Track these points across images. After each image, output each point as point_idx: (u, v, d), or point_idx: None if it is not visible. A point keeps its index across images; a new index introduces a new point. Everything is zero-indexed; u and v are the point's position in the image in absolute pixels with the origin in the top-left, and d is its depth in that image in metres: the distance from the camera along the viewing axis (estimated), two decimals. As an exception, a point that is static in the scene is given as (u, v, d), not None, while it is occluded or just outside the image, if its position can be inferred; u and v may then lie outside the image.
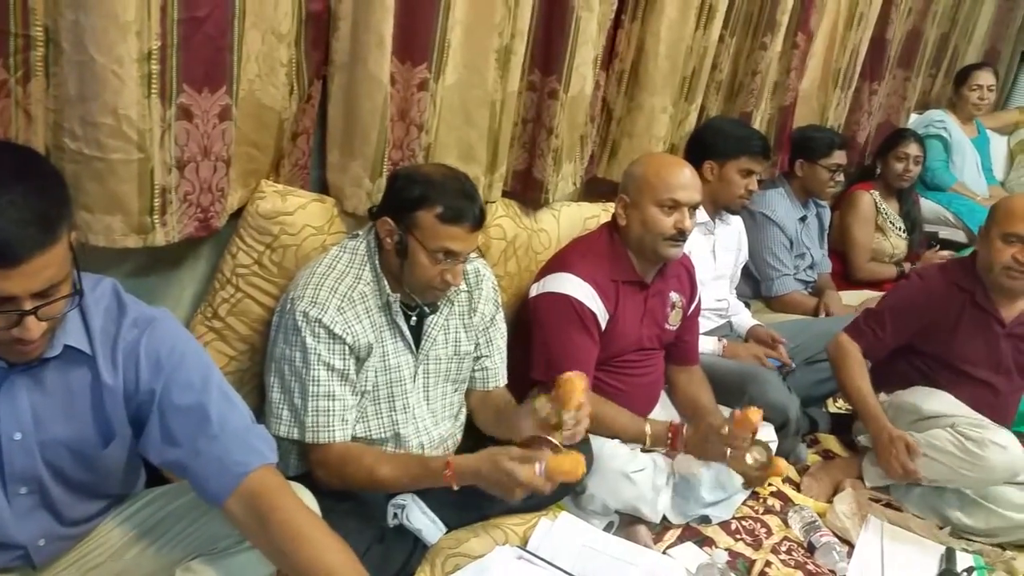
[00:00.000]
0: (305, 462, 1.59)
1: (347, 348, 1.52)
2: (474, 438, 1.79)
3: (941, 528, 2.13)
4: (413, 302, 1.62)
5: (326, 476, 1.53)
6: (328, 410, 1.51)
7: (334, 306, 1.50)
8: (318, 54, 1.65)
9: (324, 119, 1.73)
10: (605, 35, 2.20)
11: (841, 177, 2.97)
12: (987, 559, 2.02)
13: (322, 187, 1.78)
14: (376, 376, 1.59)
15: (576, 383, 1.47)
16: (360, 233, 1.65)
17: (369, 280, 1.57)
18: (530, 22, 1.94)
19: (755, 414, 1.81)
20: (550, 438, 1.47)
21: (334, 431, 1.51)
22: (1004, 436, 2.07)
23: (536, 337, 1.99)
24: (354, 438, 1.59)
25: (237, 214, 1.65)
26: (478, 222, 1.53)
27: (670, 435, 1.93)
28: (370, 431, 1.61)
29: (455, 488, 1.44)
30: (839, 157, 2.90)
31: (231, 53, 1.43)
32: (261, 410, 1.60)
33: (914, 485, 2.16)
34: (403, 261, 1.53)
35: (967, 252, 2.64)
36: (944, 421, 2.13)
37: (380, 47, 1.60)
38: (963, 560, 1.99)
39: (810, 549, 1.99)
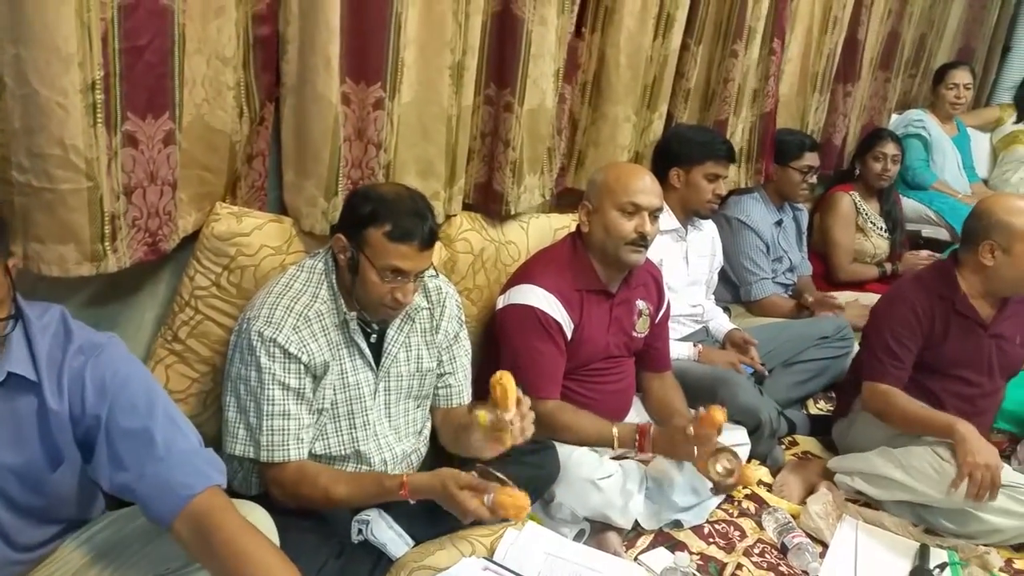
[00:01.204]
0: (262, 481, 1.60)
1: (302, 367, 1.53)
2: (443, 455, 1.80)
3: (916, 526, 2.12)
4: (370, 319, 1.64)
5: (281, 495, 1.54)
6: (283, 429, 1.51)
7: (289, 325, 1.52)
8: (269, 77, 1.68)
9: (279, 140, 1.75)
10: (566, 48, 2.22)
11: (814, 179, 2.98)
12: (961, 554, 2.02)
13: (281, 208, 1.81)
14: (335, 393, 1.60)
15: (507, 383, 1.47)
16: (321, 252, 1.67)
17: (326, 298, 1.59)
18: (481, 37, 1.97)
19: (719, 412, 1.83)
20: (498, 473, 1.46)
21: (289, 450, 1.52)
22: None
23: (503, 349, 2.01)
24: (315, 456, 1.61)
25: (195, 237, 1.67)
26: (427, 241, 1.54)
27: (637, 437, 1.94)
28: (330, 448, 1.62)
29: (411, 502, 1.46)
30: (810, 159, 2.92)
31: (173, 79, 1.46)
32: (224, 431, 1.61)
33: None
34: (355, 278, 1.55)
35: (949, 251, 2.64)
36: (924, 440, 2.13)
37: (327, 68, 1.63)
38: (937, 556, 1.99)
39: (783, 551, 1.99)
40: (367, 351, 1.64)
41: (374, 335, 1.66)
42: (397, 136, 1.86)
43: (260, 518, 1.35)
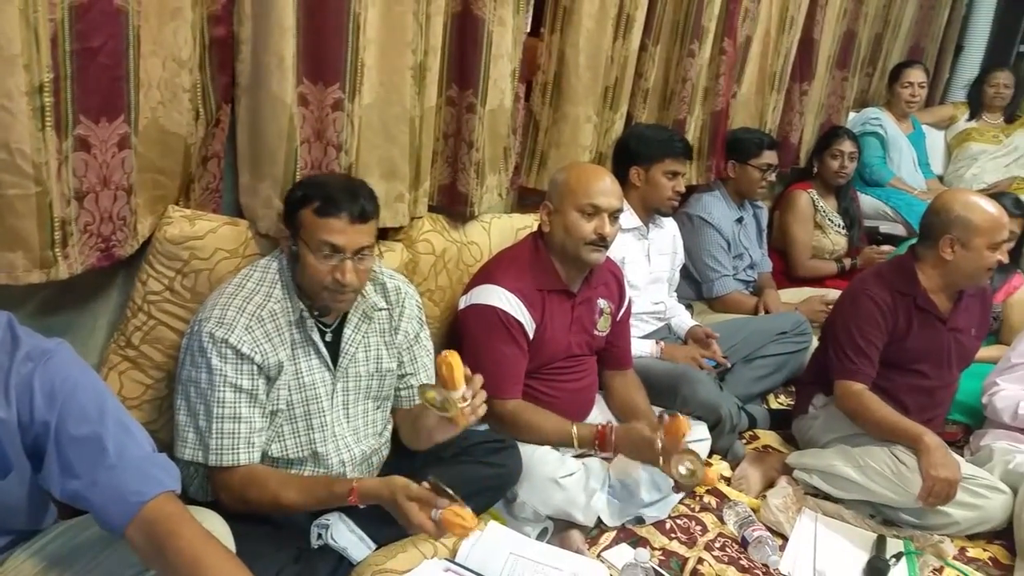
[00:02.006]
0: (211, 485, 1.58)
1: (255, 368, 1.52)
2: (405, 458, 1.79)
3: (873, 518, 2.17)
4: (327, 315, 1.62)
5: (229, 499, 1.52)
6: (233, 432, 1.50)
7: (242, 325, 1.51)
8: (225, 78, 1.67)
9: (235, 142, 1.74)
10: (521, 48, 2.23)
11: (772, 177, 3.03)
12: (916, 543, 2.07)
13: (237, 210, 1.79)
14: (290, 394, 1.59)
15: (453, 360, 1.47)
16: (274, 252, 1.66)
17: (280, 297, 1.58)
18: (443, 38, 1.97)
19: (684, 421, 1.85)
20: (449, 489, 1.45)
21: (239, 454, 1.51)
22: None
23: (466, 349, 2.00)
24: (272, 458, 1.60)
25: (148, 241, 1.65)
26: (358, 215, 1.52)
27: (598, 437, 1.96)
28: (287, 450, 1.61)
29: (361, 507, 1.47)
30: (769, 157, 2.96)
31: (127, 82, 1.44)
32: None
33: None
34: (297, 266, 1.55)
35: (906, 245, 2.68)
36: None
37: (281, 68, 1.62)
38: (893, 546, 2.04)
39: (743, 544, 2.02)
40: (324, 350, 1.63)
41: (329, 334, 1.65)
42: (359, 138, 1.85)
43: (216, 524, 1.33)
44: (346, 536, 1.61)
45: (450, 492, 1.46)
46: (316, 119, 1.77)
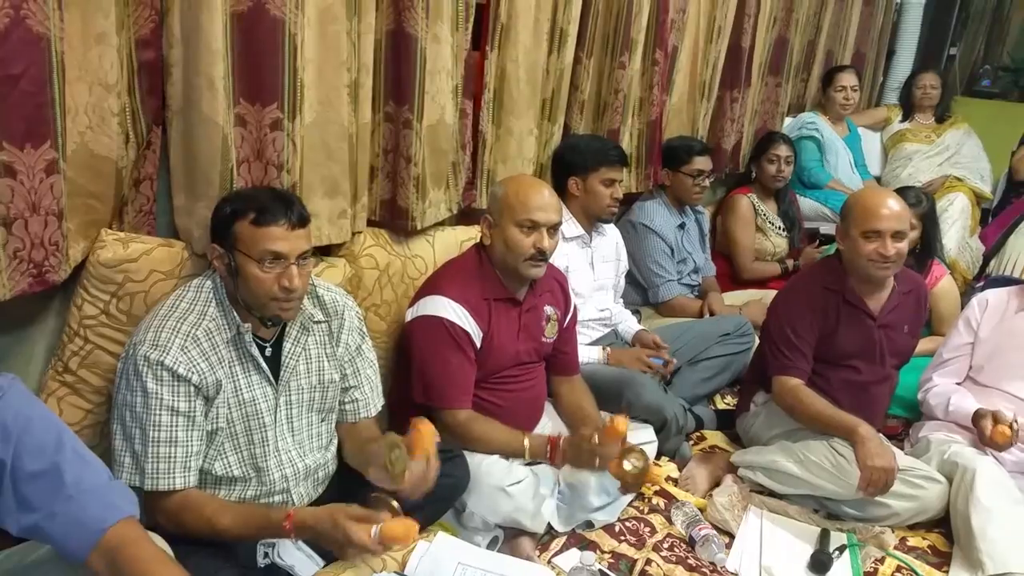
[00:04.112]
0: (147, 509, 1.56)
1: (192, 388, 1.51)
2: (353, 473, 1.79)
3: (817, 512, 2.22)
4: (266, 327, 1.62)
5: (165, 523, 1.50)
6: (169, 456, 1.49)
7: (177, 346, 1.50)
8: (155, 101, 1.67)
9: (168, 164, 1.73)
10: (462, 64, 2.26)
11: (706, 182, 3.09)
12: (859, 536, 2.12)
13: (172, 231, 1.78)
14: (230, 411, 1.58)
15: (427, 431, 1.51)
16: (208, 271, 1.65)
17: (215, 315, 1.57)
18: (375, 55, 1.99)
19: (621, 422, 1.88)
20: (392, 501, 1.46)
21: (175, 478, 1.50)
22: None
23: (414, 361, 2.03)
24: (214, 476, 1.59)
25: (83, 265, 1.64)
26: (296, 221, 1.53)
27: (549, 449, 1.98)
28: (230, 468, 1.60)
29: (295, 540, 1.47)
30: (699, 163, 3.03)
31: (53, 108, 1.43)
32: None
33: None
34: (238, 281, 1.55)
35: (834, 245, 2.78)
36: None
37: (212, 90, 1.62)
38: (837, 539, 2.09)
39: (691, 543, 2.06)
40: (264, 365, 1.62)
41: (269, 348, 1.65)
42: (302, 157, 1.86)
43: (163, 548, 1.33)
44: (293, 554, 1.60)
45: (395, 506, 1.47)
46: (255, 139, 1.78)
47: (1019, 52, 6.04)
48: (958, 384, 2.42)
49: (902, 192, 2.61)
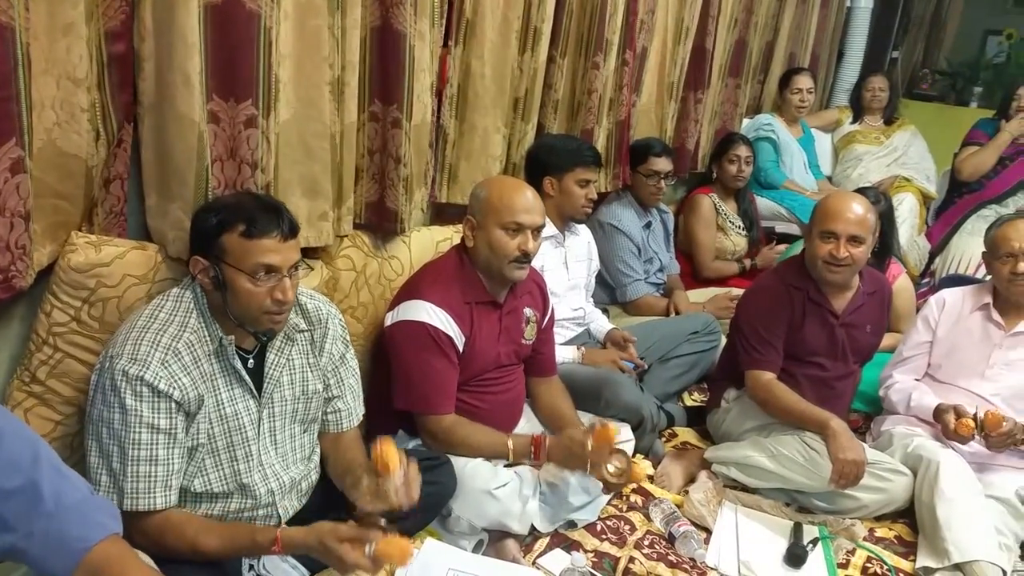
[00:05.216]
0: (126, 529, 1.49)
1: (174, 404, 1.44)
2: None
3: (788, 505, 2.26)
4: (260, 341, 1.57)
5: (145, 544, 1.42)
6: (149, 475, 1.42)
7: (157, 360, 1.42)
8: (126, 96, 1.59)
9: (139, 162, 1.66)
10: (437, 61, 2.22)
11: (663, 183, 3.10)
12: (830, 528, 2.16)
13: (144, 233, 1.71)
14: (211, 426, 1.52)
15: (388, 449, 1.47)
16: (186, 280, 1.58)
17: (196, 327, 1.50)
18: (361, 53, 1.94)
19: (611, 429, 1.89)
20: (380, 519, 1.43)
21: (155, 497, 1.43)
22: None
23: (395, 366, 1.99)
24: (195, 493, 1.53)
25: (49, 269, 1.56)
26: (288, 232, 1.49)
27: (533, 448, 1.97)
28: (211, 484, 1.54)
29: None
30: (657, 164, 3.05)
31: (19, 103, 1.35)
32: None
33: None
34: (225, 294, 1.48)
35: (799, 244, 2.83)
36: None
37: (187, 85, 1.56)
38: (809, 532, 2.13)
39: (670, 540, 2.07)
40: (247, 378, 1.56)
41: (251, 360, 1.59)
42: (277, 155, 1.80)
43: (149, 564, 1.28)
44: (279, 566, 1.57)
45: (382, 522, 1.43)
46: (228, 137, 1.72)
47: (955, 57, 6.28)
48: (917, 380, 2.48)
49: (861, 192, 2.67)
